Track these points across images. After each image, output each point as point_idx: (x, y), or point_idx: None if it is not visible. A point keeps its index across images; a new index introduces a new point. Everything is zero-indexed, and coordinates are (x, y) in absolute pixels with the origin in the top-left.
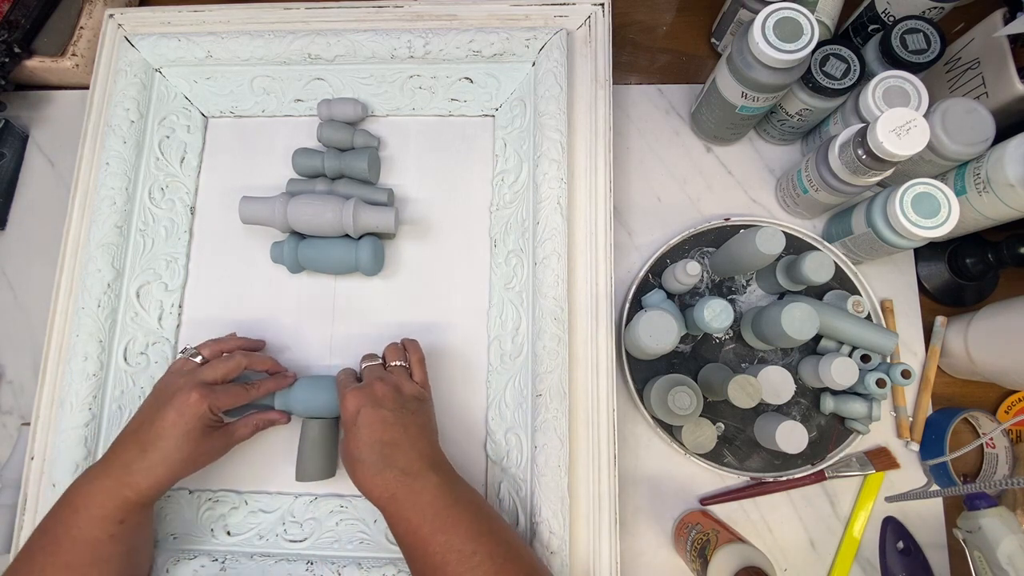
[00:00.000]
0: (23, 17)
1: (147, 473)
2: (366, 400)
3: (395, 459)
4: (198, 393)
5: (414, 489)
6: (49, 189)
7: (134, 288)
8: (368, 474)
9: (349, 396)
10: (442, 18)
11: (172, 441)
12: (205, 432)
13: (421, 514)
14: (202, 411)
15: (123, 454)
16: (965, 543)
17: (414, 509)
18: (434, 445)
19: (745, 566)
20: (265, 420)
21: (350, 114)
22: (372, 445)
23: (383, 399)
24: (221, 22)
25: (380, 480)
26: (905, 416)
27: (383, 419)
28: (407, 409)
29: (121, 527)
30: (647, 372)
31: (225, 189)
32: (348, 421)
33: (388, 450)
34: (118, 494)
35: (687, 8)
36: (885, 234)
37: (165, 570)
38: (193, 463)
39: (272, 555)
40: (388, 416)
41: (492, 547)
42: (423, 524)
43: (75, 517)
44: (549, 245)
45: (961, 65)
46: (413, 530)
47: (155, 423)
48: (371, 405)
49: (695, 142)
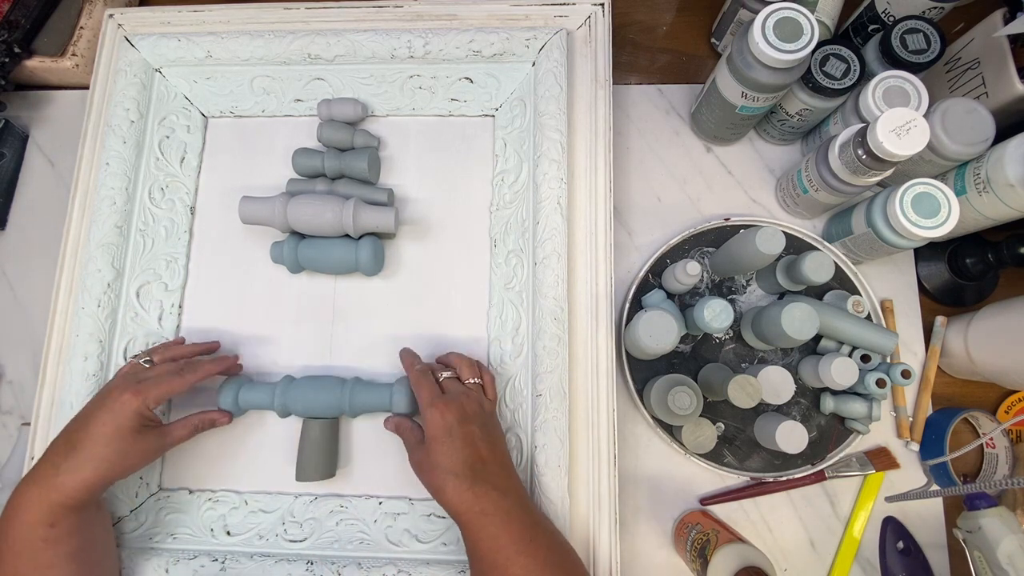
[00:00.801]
0: (23, 17)
1: (73, 474)
2: (460, 414)
3: (487, 475)
4: (130, 392)
5: (503, 507)
6: (49, 189)
7: (134, 288)
8: (461, 488)
9: (440, 407)
10: (442, 18)
11: (101, 440)
12: (138, 431)
13: (508, 533)
14: (133, 409)
15: (52, 456)
16: (965, 543)
17: (503, 527)
18: (511, 462)
19: (745, 566)
20: (206, 420)
21: (350, 114)
22: (465, 460)
23: (473, 416)
24: (221, 22)
25: (472, 495)
26: (905, 416)
27: (476, 435)
28: (490, 426)
29: (53, 531)
30: (647, 372)
31: (225, 189)
32: (439, 433)
33: (480, 466)
34: (45, 497)
35: (687, 8)
36: (885, 234)
37: (165, 570)
38: (123, 464)
39: (272, 555)
40: (479, 433)
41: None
42: (510, 544)
43: (9, 524)
44: (549, 245)
45: (961, 65)
46: (498, 548)
47: (87, 424)
48: (464, 420)
49: (695, 142)
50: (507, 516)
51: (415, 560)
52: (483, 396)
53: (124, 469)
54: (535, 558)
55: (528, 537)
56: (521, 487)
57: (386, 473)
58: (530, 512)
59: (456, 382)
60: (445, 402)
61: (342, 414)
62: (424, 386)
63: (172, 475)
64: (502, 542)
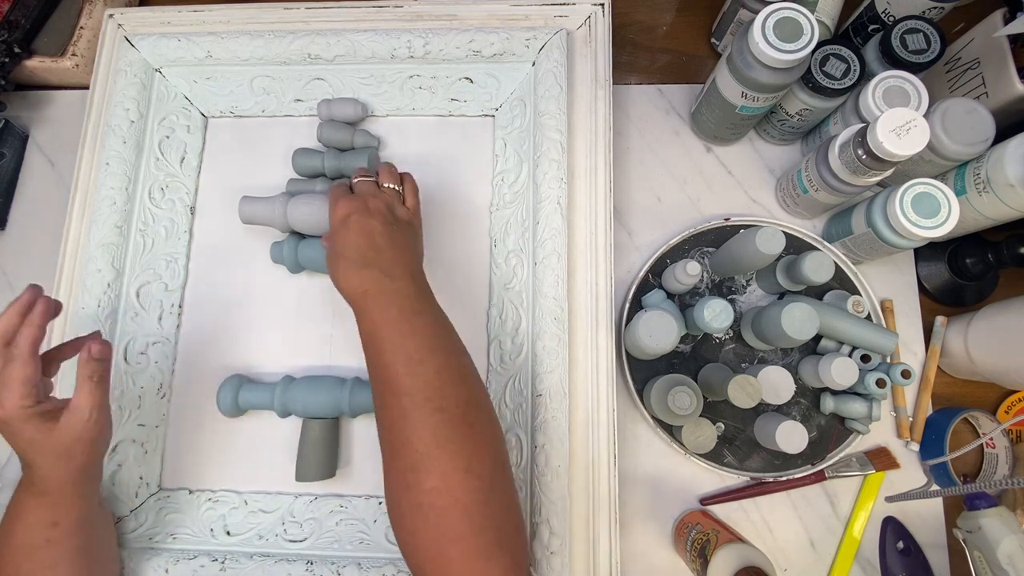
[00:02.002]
0: (23, 17)
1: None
2: (359, 208)
3: (377, 261)
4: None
5: (386, 289)
6: (49, 189)
7: (134, 288)
8: (349, 270)
9: (342, 201)
10: (442, 18)
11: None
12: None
13: (386, 314)
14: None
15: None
16: (965, 543)
17: (380, 308)
18: (418, 264)
19: (745, 566)
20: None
21: (350, 114)
22: (358, 247)
23: (375, 211)
24: (221, 22)
25: (357, 277)
26: (905, 416)
27: (372, 228)
28: (397, 227)
29: (55, 531)
30: (647, 372)
31: (225, 189)
32: (337, 222)
33: (372, 253)
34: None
35: (687, 8)
36: (885, 234)
37: (165, 570)
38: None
39: (272, 555)
40: (377, 227)
41: (442, 361)
42: (385, 324)
43: (11, 528)
44: (549, 245)
45: (961, 65)
46: (375, 329)
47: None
48: (362, 213)
49: (695, 142)
50: (390, 297)
51: None
52: (396, 202)
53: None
54: (411, 339)
55: (409, 321)
56: (418, 280)
57: None
58: (420, 302)
59: (371, 184)
60: (347, 197)
61: (342, 414)
62: (334, 192)
63: (172, 475)
64: (378, 323)
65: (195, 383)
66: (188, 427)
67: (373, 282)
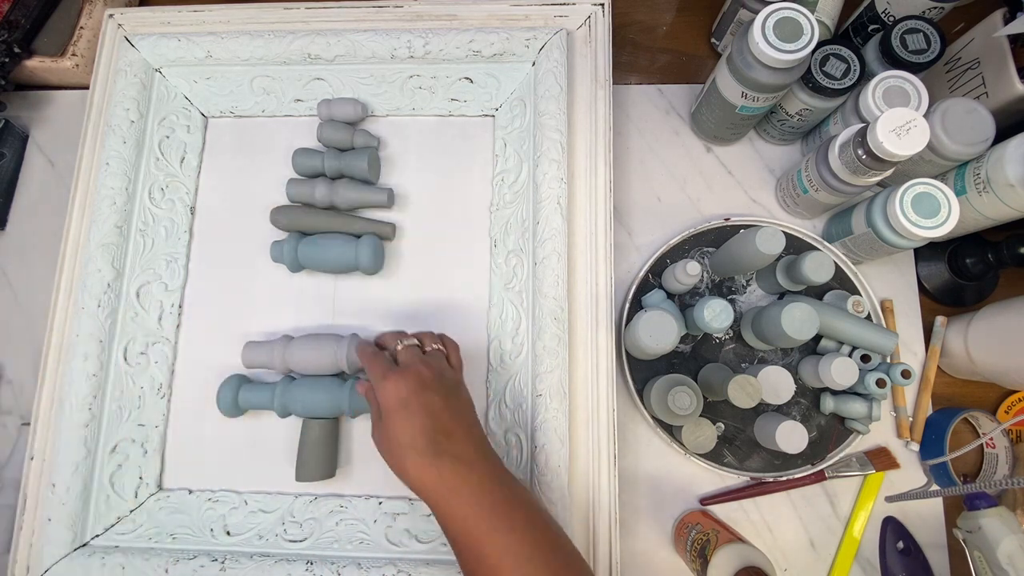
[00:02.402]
0: (23, 17)
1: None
2: (415, 385)
3: (450, 447)
4: None
5: (470, 481)
6: (49, 189)
7: (134, 288)
8: (421, 462)
9: (392, 378)
10: (442, 18)
11: None
12: None
13: (477, 508)
14: None
15: None
16: (965, 543)
17: (470, 503)
18: (482, 432)
19: (745, 566)
20: None
21: (350, 114)
22: (425, 432)
23: (430, 384)
24: (221, 22)
25: (435, 470)
26: (905, 416)
27: (434, 406)
28: (454, 396)
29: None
30: (647, 372)
31: (225, 189)
32: (393, 405)
33: (441, 437)
34: None
35: (687, 8)
36: (885, 234)
37: (165, 570)
38: None
39: (272, 555)
40: (439, 402)
41: (548, 553)
42: (480, 521)
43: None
44: (549, 245)
45: (961, 65)
46: (469, 528)
47: None
48: (421, 390)
49: (695, 142)
50: (476, 491)
51: (415, 560)
52: (444, 364)
53: None
54: (512, 536)
55: (502, 512)
56: (494, 458)
57: (386, 473)
58: (505, 485)
59: (416, 350)
60: (399, 372)
61: (342, 414)
62: (375, 362)
63: (172, 475)
64: (472, 522)
65: (195, 383)
66: (188, 427)
67: (452, 474)
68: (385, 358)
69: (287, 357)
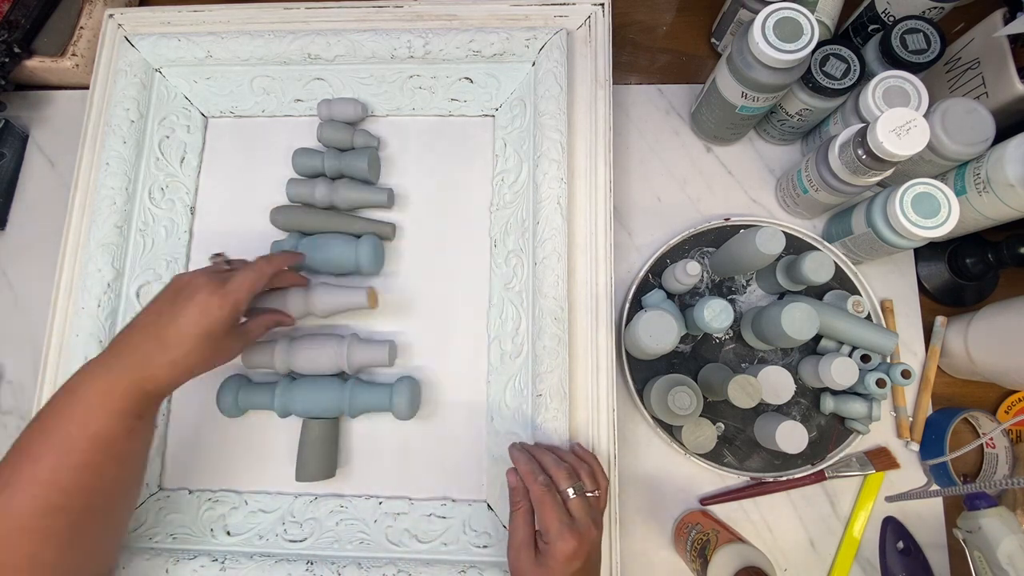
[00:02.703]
0: (23, 17)
1: (169, 368)
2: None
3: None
4: (218, 296)
5: None
6: (49, 189)
7: (134, 288)
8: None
9: (573, 542)
10: (442, 18)
11: (192, 341)
12: (225, 333)
13: None
14: (224, 316)
15: (142, 346)
16: (965, 543)
17: None
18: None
19: (745, 566)
20: (274, 320)
21: (350, 114)
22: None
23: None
24: (221, 22)
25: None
26: (905, 416)
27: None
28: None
29: (140, 423)
30: (647, 372)
31: (225, 189)
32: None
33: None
34: (139, 388)
35: (687, 8)
36: (885, 234)
37: (165, 570)
38: (210, 362)
39: (272, 555)
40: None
41: None
42: None
43: (92, 413)
44: (549, 245)
45: (961, 65)
46: None
47: (177, 320)
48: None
49: (695, 142)
50: None
51: (415, 560)
52: (600, 518)
53: (209, 367)
54: None
55: None
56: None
57: (386, 473)
58: None
59: (583, 501)
60: (579, 536)
61: (342, 414)
62: (551, 508)
63: (172, 475)
64: None
65: (195, 383)
66: (188, 427)
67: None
68: (559, 504)
69: (287, 357)
